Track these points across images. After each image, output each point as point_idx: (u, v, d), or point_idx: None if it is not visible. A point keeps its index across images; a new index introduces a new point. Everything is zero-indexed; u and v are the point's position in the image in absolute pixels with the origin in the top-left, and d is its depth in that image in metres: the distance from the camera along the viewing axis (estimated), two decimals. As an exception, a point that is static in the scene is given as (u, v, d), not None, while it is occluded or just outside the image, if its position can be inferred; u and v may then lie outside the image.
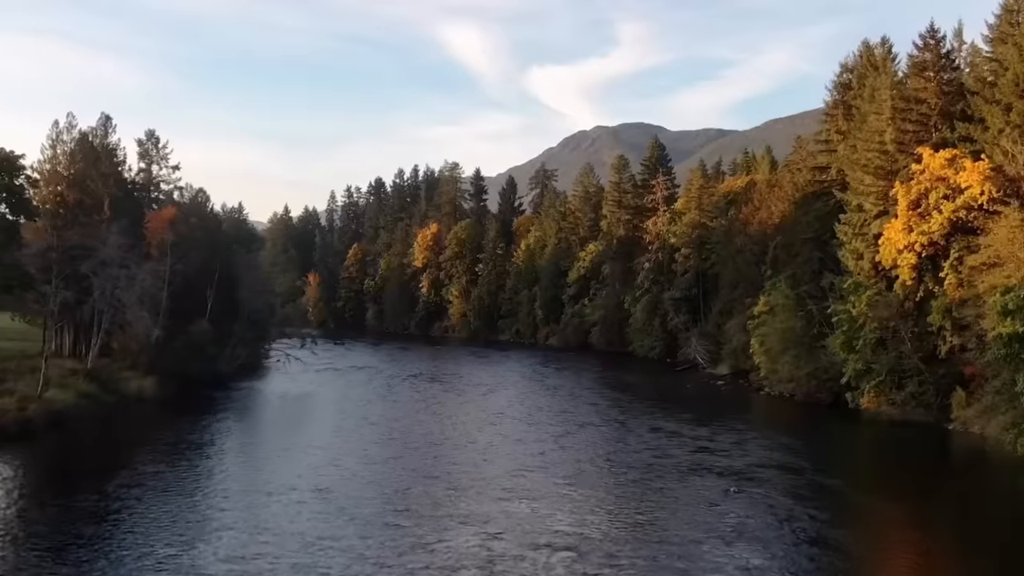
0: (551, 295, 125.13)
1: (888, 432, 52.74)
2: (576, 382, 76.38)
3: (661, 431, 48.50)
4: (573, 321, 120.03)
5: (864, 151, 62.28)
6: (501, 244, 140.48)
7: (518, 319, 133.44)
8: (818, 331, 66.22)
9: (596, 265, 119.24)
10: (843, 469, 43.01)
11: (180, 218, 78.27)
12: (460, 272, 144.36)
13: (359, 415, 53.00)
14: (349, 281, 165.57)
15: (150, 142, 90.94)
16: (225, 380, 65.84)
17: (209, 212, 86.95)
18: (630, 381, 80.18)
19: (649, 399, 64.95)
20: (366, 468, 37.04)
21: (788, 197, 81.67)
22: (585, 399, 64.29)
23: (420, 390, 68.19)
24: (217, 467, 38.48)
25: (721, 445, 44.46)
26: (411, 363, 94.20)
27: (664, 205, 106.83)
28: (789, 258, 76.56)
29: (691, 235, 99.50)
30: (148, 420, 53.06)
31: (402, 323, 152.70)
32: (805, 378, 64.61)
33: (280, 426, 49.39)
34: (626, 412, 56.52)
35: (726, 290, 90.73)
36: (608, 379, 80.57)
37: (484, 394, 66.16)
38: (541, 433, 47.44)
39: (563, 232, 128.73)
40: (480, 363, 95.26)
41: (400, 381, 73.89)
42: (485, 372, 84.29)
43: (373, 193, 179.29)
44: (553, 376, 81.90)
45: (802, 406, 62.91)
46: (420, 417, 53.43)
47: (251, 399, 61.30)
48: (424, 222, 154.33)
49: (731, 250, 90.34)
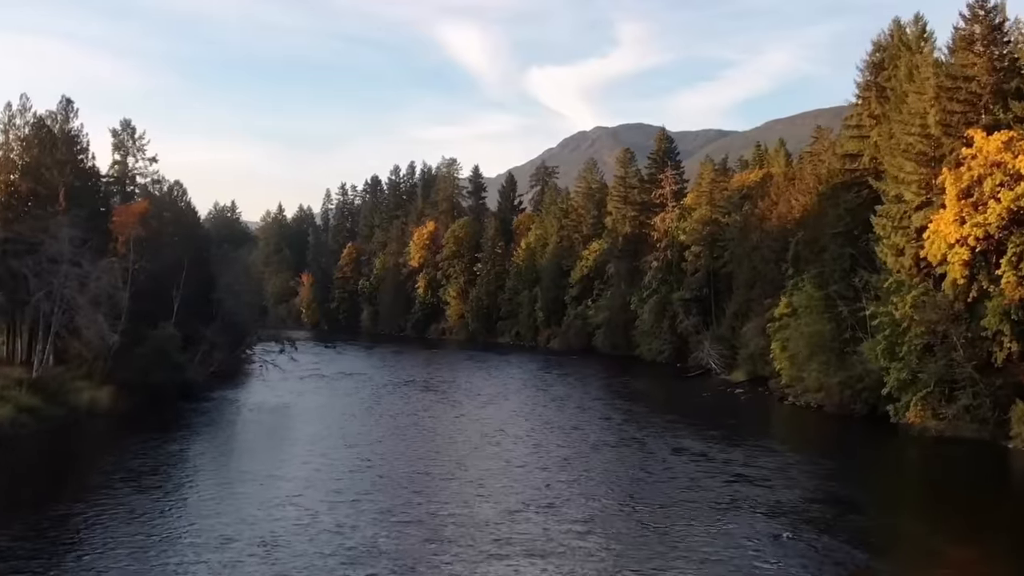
0: (552, 296, 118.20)
1: (939, 451, 45.78)
2: (583, 391, 69.32)
3: (686, 453, 41.40)
4: (576, 323, 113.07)
5: (903, 135, 55.29)
6: (500, 243, 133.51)
7: (518, 321, 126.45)
8: (850, 335, 59.27)
9: (600, 264, 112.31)
10: (901, 500, 36.12)
11: (152, 212, 71.24)
12: (458, 272, 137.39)
13: (336, 434, 45.72)
14: (343, 281, 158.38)
15: (125, 132, 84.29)
16: (194, 390, 58.83)
17: (186, 207, 79.78)
18: (640, 389, 73.23)
19: (665, 411, 57.88)
20: (330, 510, 29.84)
21: (810, 190, 74.81)
22: (595, 412, 57.20)
23: (410, 401, 61.09)
24: (146, 505, 31.13)
25: (759, 471, 37.46)
26: (404, 369, 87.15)
27: (673, 200, 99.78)
28: (813, 255, 69.57)
29: (702, 232, 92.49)
30: (93, 439, 46.06)
31: (398, 325, 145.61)
32: (837, 387, 57.51)
33: (240, 449, 42.19)
34: (643, 428, 49.45)
35: (741, 290, 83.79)
36: (617, 387, 73.57)
37: (481, 406, 59.09)
38: (547, 457, 40.20)
39: (565, 230, 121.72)
40: (478, 368, 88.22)
41: (390, 390, 66.83)
42: (483, 379, 77.24)
43: (369, 191, 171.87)
44: (557, 383, 74.87)
45: (834, 419, 55.90)
46: (407, 437, 46.26)
47: (217, 413, 54.17)
48: (421, 220, 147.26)
49: (746, 247, 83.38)
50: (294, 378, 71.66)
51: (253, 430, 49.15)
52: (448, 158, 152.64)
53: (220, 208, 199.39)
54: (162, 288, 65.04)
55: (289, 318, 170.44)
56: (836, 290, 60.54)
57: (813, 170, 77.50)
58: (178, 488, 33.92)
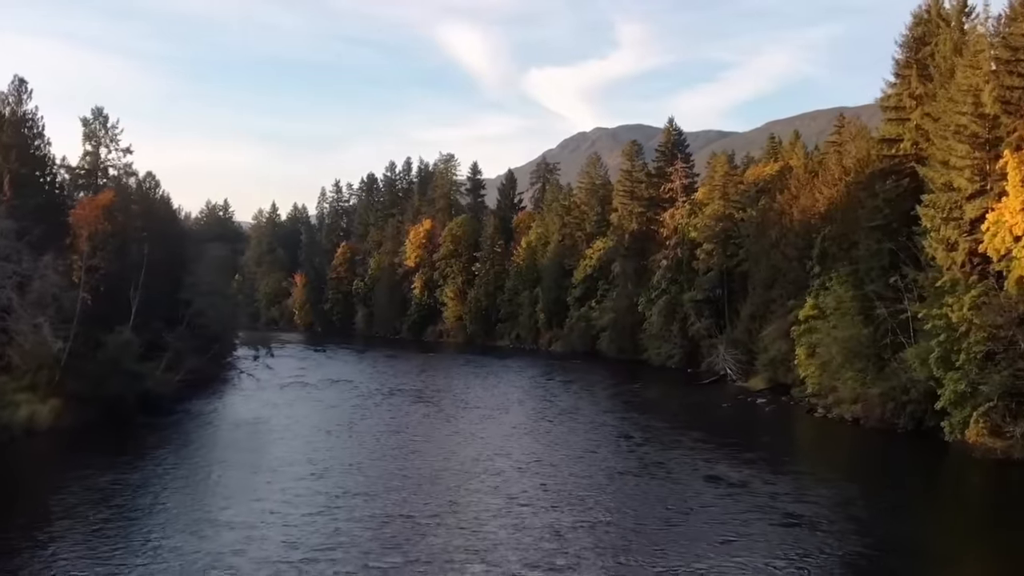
0: (554, 296, 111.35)
1: (1006, 476, 39.06)
2: (591, 402, 62.33)
3: (721, 483, 34.39)
4: (579, 325, 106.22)
5: (953, 115, 48.43)
6: (500, 241, 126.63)
7: (518, 323, 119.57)
8: (891, 340, 52.42)
9: (604, 263, 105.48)
10: (993, 545, 29.19)
11: (117, 205, 64.39)
12: (455, 272, 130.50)
13: (305, 460, 38.29)
14: (337, 282, 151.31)
15: (97, 121, 77.47)
16: (156, 403, 51.81)
17: (160, 200, 72.88)
18: (653, 398, 66.32)
19: (686, 426, 50.81)
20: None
21: (836, 181, 68.12)
22: (608, 429, 50.05)
23: (398, 415, 54.03)
24: (65, 552, 24.49)
25: (814, 509, 30.61)
26: (395, 375, 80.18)
27: (683, 195, 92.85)
28: (842, 252, 62.81)
29: (715, 228, 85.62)
30: (20, 464, 39.12)
31: (393, 327, 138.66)
32: (877, 399, 50.62)
33: (193, 478, 34.97)
34: (665, 449, 42.40)
35: (759, 290, 76.86)
36: (627, 396, 66.62)
37: (478, 421, 52.04)
38: (556, 492, 32.82)
39: (567, 228, 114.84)
40: (476, 375, 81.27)
41: (377, 401, 59.83)
42: (481, 387, 70.23)
43: (365, 189, 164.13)
44: (561, 392, 67.92)
45: (875, 435, 49.07)
46: (388, 463, 38.88)
47: (174, 431, 47.09)
48: (417, 218, 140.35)
49: (764, 245, 76.50)
50: (273, 387, 64.81)
51: (211, 453, 41.89)
52: (445, 154, 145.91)
53: (212, 206, 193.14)
54: (125, 288, 58.23)
55: (282, 320, 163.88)
56: (874, 290, 53.68)
57: (839, 160, 70.72)
58: (108, 527, 26.93)
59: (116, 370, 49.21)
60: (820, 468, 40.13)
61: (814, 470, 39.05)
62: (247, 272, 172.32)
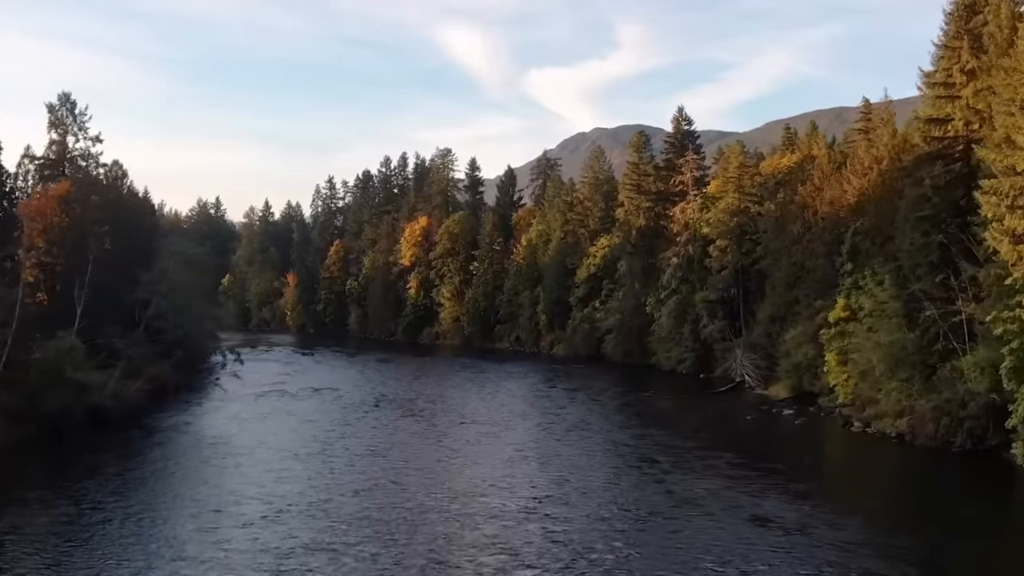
0: (556, 297, 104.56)
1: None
2: (602, 415, 55.54)
3: (774, 527, 27.67)
4: (582, 327, 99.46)
5: (1018, 87, 41.78)
6: (499, 239, 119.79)
7: (518, 324, 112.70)
8: (943, 346, 45.80)
9: (610, 262, 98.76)
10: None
11: (75, 196, 57.78)
12: (452, 271, 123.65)
13: (261, 497, 31.09)
14: (330, 282, 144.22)
15: (64, 107, 71.06)
16: (107, 417, 45.08)
17: (127, 192, 66.18)
18: (669, 409, 59.61)
19: (713, 445, 43.95)
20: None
21: (867, 170, 61.63)
22: (626, 451, 42.92)
23: (383, 434, 47.16)
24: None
25: (897, 562, 23.87)
26: (386, 382, 73.40)
27: (694, 189, 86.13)
28: (876, 247, 56.38)
29: (729, 223, 78.93)
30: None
31: (388, 328, 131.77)
32: (930, 414, 43.93)
33: (116, 519, 28.02)
34: (698, 478, 35.54)
35: (779, 290, 70.24)
36: (640, 407, 59.89)
37: (475, 441, 45.13)
38: (572, 547, 25.56)
39: (570, 225, 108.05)
40: (473, 382, 74.53)
41: (360, 415, 53.07)
42: (478, 396, 63.45)
43: (360, 186, 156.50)
44: (567, 402, 61.13)
45: (929, 455, 42.55)
46: (361, 504, 31.12)
47: (120, 452, 40.22)
48: (413, 216, 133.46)
49: (785, 240, 69.91)
50: (248, 397, 58.13)
51: (147, 485, 34.50)
52: (442, 148, 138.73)
53: (202, 204, 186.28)
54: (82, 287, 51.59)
55: (274, 321, 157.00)
56: (921, 289, 47.01)
57: (868, 147, 64.15)
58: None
59: (59, 381, 42.45)
60: (883, 502, 33.53)
61: (877, 505, 32.47)
62: (238, 272, 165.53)
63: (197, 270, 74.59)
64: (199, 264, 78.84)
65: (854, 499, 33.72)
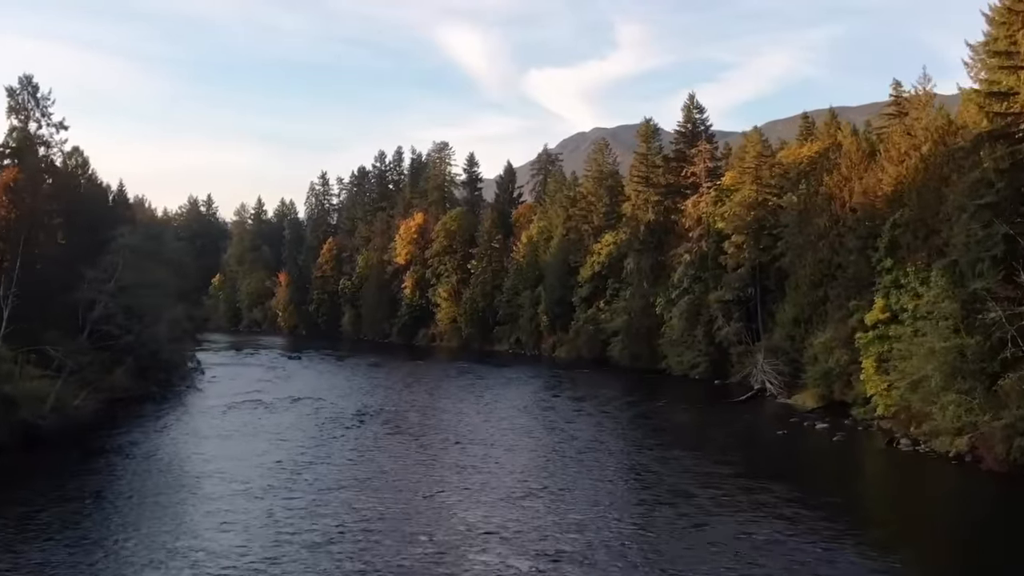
0: (558, 296, 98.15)
1: None
2: (615, 431, 48.86)
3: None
4: (586, 329, 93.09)
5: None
6: (498, 236, 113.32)
7: (518, 326, 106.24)
8: (1011, 354, 39.28)
9: (615, 259, 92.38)
10: None
11: (23, 184, 51.28)
12: (449, 270, 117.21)
13: (203, 547, 24.79)
14: (322, 281, 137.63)
15: (25, 91, 64.48)
16: (44, 436, 38.52)
17: (87, 181, 59.64)
18: (689, 423, 53.10)
19: (751, 471, 37.07)
20: None
21: (904, 156, 55.21)
22: (650, 479, 36.02)
23: (362, 458, 40.33)
24: None
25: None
26: (374, 390, 66.84)
27: (708, 180, 79.62)
28: (919, 241, 49.96)
29: (746, 217, 72.53)
30: None
31: (382, 329, 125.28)
32: (1000, 433, 37.46)
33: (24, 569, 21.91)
34: (744, 516, 28.96)
35: (803, 289, 63.82)
36: (656, 420, 53.33)
37: (471, 467, 38.16)
38: None
39: (573, 221, 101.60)
40: (469, 390, 68.06)
41: (340, 432, 46.48)
42: (475, 409, 56.86)
43: (356, 183, 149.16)
44: (574, 415, 54.52)
45: (997, 481, 36.12)
46: (323, 563, 24.42)
47: (47, 481, 33.50)
48: (408, 212, 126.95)
49: (810, 235, 63.49)
50: (216, 409, 51.64)
51: (67, 525, 28.23)
52: (439, 142, 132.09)
53: (193, 201, 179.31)
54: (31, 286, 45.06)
55: (265, 322, 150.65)
56: (984, 287, 40.48)
57: (906, 133, 57.64)
58: None
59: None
60: (978, 551, 26.84)
61: (969, 554, 25.90)
62: (228, 271, 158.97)
63: (168, 267, 68.15)
64: (170, 261, 72.28)
65: (941, 546, 27.28)
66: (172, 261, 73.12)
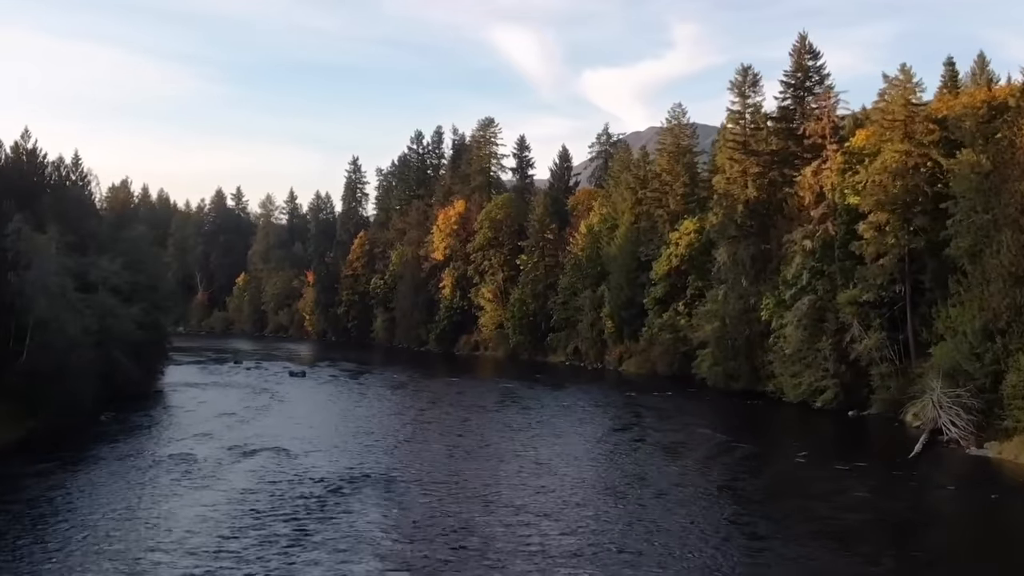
0: (626, 297, 78.64)
1: None
2: (749, 520, 28.41)
3: None
4: (663, 338, 73.45)
5: None
6: (552, 226, 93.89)
7: (576, 333, 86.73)
8: None
9: (699, 251, 72.53)
10: None
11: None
12: (495, 266, 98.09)
13: None
14: (352, 280, 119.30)
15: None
16: None
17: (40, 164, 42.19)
18: (862, 501, 31.85)
19: None
20: None
21: None
22: None
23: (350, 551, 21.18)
24: None
25: None
26: (383, 433, 47.02)
27: (833, 142, 58.82)
28: None
29: (892, 188, 51.90)
30: None
31: (418, 336, 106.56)
32: None
33: None
34: None
35: (994, 286, 43.08)
36: (802, 491, 32.76)
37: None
38: None
39: (644, 205, 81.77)
40: (514, 423, 48.81)
41: (326, 494, 27.41)
42: (518, 464, 37.15)
43: (396, 173, 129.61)
44: (673, 470, 34.69)
45: None
46: None
47: None
48: (448, 199, 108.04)
49: (1006, 210, 42.81)
50: (142, 462, 33.50)
51: None
52: (485, 119, 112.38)
53: (219, 194, 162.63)
54: None
55: (292, 326, 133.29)
56: None
57: None
58: None
59: None
60: None
61: None
62: (253, 270, 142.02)
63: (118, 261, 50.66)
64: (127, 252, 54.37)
65: None
66: (130, 252, 55.13)
